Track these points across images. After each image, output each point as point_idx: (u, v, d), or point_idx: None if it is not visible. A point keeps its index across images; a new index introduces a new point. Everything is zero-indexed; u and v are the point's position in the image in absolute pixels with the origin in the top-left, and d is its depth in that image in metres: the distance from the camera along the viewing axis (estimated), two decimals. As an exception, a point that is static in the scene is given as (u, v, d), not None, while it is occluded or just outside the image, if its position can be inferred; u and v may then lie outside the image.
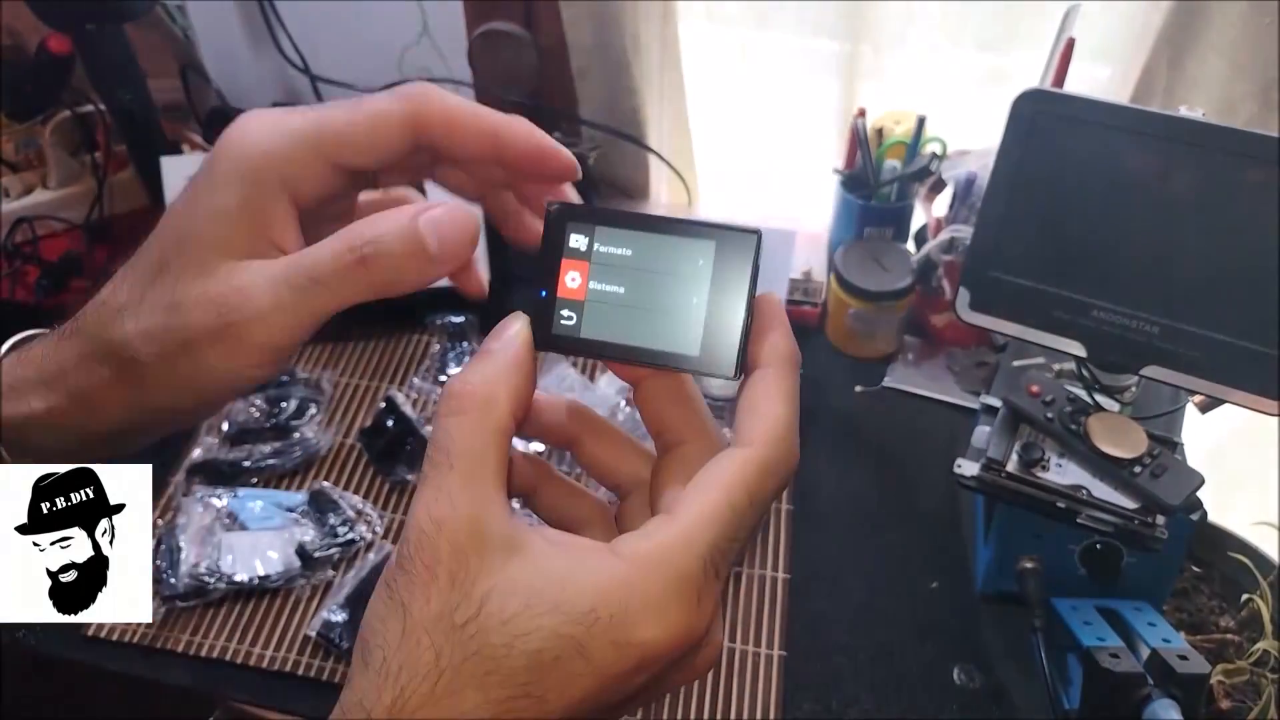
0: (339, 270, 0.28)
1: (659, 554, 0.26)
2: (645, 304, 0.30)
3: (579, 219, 0.30)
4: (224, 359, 0.29)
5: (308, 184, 0.30)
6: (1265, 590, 0.65)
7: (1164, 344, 0.59)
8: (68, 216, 1.04)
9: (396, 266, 0.29)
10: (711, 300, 0.30)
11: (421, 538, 0.26)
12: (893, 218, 0.91)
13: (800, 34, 0.91)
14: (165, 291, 0.29)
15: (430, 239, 0.29)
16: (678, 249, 0.30)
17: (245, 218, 0.29)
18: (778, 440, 0.30)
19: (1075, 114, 0.59)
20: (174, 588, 0.69)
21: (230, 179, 0.29)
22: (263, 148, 0.29)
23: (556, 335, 0.30)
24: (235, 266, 0.29)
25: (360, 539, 0.74)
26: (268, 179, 0.29)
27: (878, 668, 0.68)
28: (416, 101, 0.31)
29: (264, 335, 0.29)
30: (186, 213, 0.30)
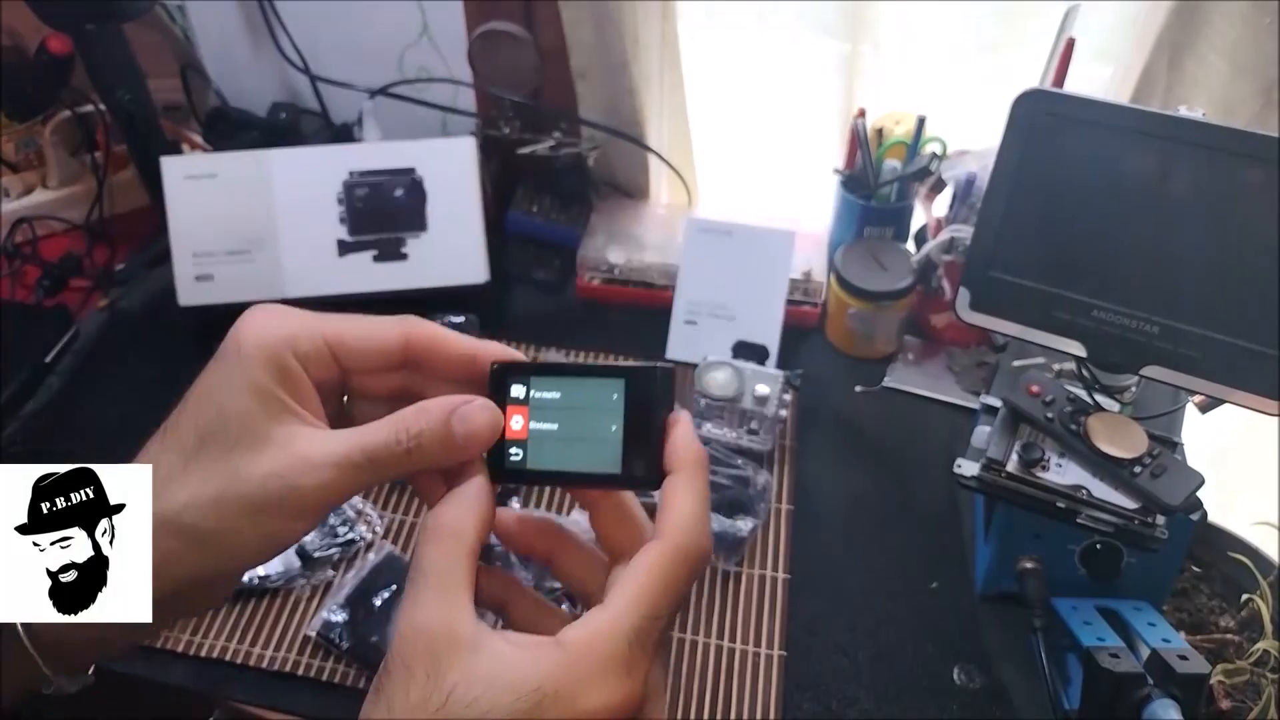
0: (392, 456, 0.34)
1: (590, 638, 0.32)
2: (576, 435, 0.36)
3: (516, 373, 0.37)
4: (287, 521, 0.33)
5: (315, 366, 0.35)
6: (1265, 590, 0.65)
7: (1164, 344, 0.60)
8: (68, 216, 1.04)
9: (433, 457, 0.35)
10: (627, 425, 0.36)
11: (402, 642, 0.31)
12: (893, 218, 0.91)
13: (801, 34, 0.91)
14: (217, 462, 0.33)
15: (459, 435, 0.35)
16: (595, 388, 0.36)
17: (283, 390, 0.34)
18: (687, 530, 0.34)
19: (1075, 114, 0.59)
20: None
21: (259, 358, 0.34)
22: (282, 332, 0.35)
23: (508, 469, 0.36)
24: (292, 434, 0.33)
25: (360, 539, 0.74)
26: (291, 356, 0.34)
27: (877, 668, 0.68)
28: (409, 320, 0.37)
29: (323, 499, 0.33)
30: (220, 390, 0.34)
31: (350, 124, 1.04)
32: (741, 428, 0.79)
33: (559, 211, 0.97)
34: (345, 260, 0.87)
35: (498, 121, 0.95)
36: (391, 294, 0.88)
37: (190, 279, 0.86)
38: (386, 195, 0.87)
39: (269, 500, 0.33)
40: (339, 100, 1.06)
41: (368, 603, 0.69)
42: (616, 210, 0.99)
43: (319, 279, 0.87)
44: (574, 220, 0.97)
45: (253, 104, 1.07)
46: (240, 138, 0.99)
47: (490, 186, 0.97)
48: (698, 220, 0.90)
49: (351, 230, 0.87)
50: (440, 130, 1.06)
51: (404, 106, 1.01)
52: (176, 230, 0.86)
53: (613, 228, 0.97)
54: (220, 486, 0.33)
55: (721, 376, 0.80)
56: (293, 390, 0.34)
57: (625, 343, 0.91)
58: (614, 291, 0.94)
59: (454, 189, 0.88)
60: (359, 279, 0.87)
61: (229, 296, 0.87)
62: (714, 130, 1.01)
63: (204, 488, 0.33)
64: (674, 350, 0.90)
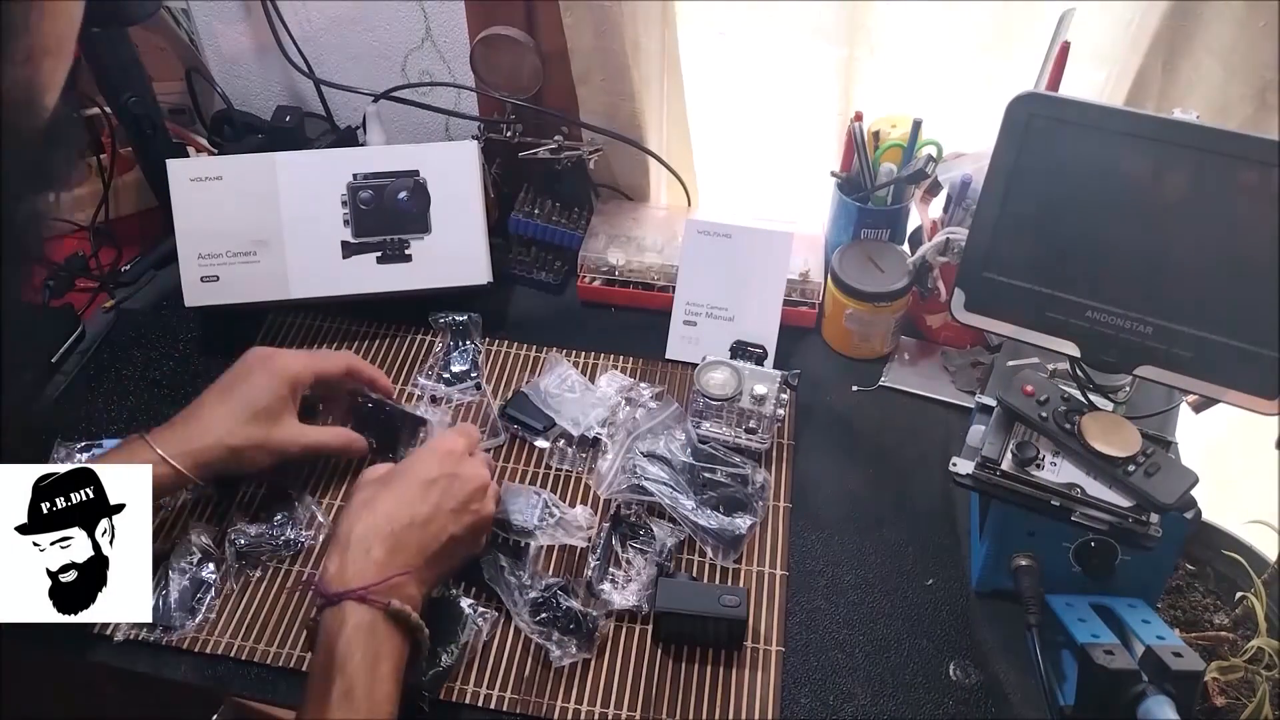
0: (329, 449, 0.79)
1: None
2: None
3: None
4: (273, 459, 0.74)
5: (304, 386, 0.76)
6: (1259, 588, 0.65)
7: (1157, 344, 0.60)
8: (74, 218, 1.05)
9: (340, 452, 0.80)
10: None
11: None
12: (889, 220, 0.91)
13: (798, 38, 0.92)
14: (258, 428, 0.72)
15: (355, 450, 0.80)
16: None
17: (290, 398, 0.75)
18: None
19: (1070, 117, 0.59)
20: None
21: (284, 380, 0.74)
22: (295, 367, 0.75)
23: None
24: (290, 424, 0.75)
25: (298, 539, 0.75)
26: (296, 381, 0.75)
27: (874, 664, 0.68)
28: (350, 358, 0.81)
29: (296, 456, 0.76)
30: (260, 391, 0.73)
31: (354, 127, 1.04)
32: (740, 427, 0.80)
33: (560, 213, 0.98)
34: (349, 262, 0.88)
35: (500, 125, 0.96)
36: (394, 295, 0.89)
37: (196, 280, 0.87)
38: (390, 198, 0.88)
39: (276, 451, 0.74)
40: (343, 104, 1.07)
41: (370, 600, 0.70)
42: (617, 212, 1.00)
43: (323, 280, 0.88)
44: (575, 222, 0.98)
45: (257, 107, 1.08)
46: (245, 141, 1.00)
47: (492, 189, 0.98)
48: (697, 222, 0.90)
49: (355, 232, 0.88)
50: (443, 134, 1.06)
51: (407, 110, 1.02)
52: (182, 232, 0.87)
53: (613, 229, 0.98)
54: (260, 441, 0.72)
55: (720, 376, 0.80)
56: (293, 397, 0.75)
57: (625, 343, 0.92)
58: (614, 292, 0.95)
59: (457, 191, 0.89)
60: (363, 280, 0.88)
61: (234, 297, 0.88)
62: (713, 133, 1.01)
63: (253, 439, 0.72)
64: (673, 350, 0.91)
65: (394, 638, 0.60)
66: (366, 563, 0.61)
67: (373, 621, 0.59)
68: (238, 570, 0.73)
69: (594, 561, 0.72)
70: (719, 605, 0.66)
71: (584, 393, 0.84)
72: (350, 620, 0.58)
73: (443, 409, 0.84)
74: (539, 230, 0.97)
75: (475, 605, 0.70)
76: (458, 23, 0.97)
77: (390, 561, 0.61)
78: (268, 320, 0.93)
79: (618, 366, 0.90)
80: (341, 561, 0.61)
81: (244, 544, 0.73)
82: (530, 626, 0.68)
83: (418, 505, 0.64)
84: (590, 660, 0.68)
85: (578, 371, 0.86)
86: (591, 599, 0.70)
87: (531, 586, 0.70)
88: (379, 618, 0.59)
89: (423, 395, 0.86)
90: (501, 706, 0.66)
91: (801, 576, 0.74)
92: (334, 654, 0.57)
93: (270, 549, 0.74)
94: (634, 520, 0.75)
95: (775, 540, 0.76)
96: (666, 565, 0.72)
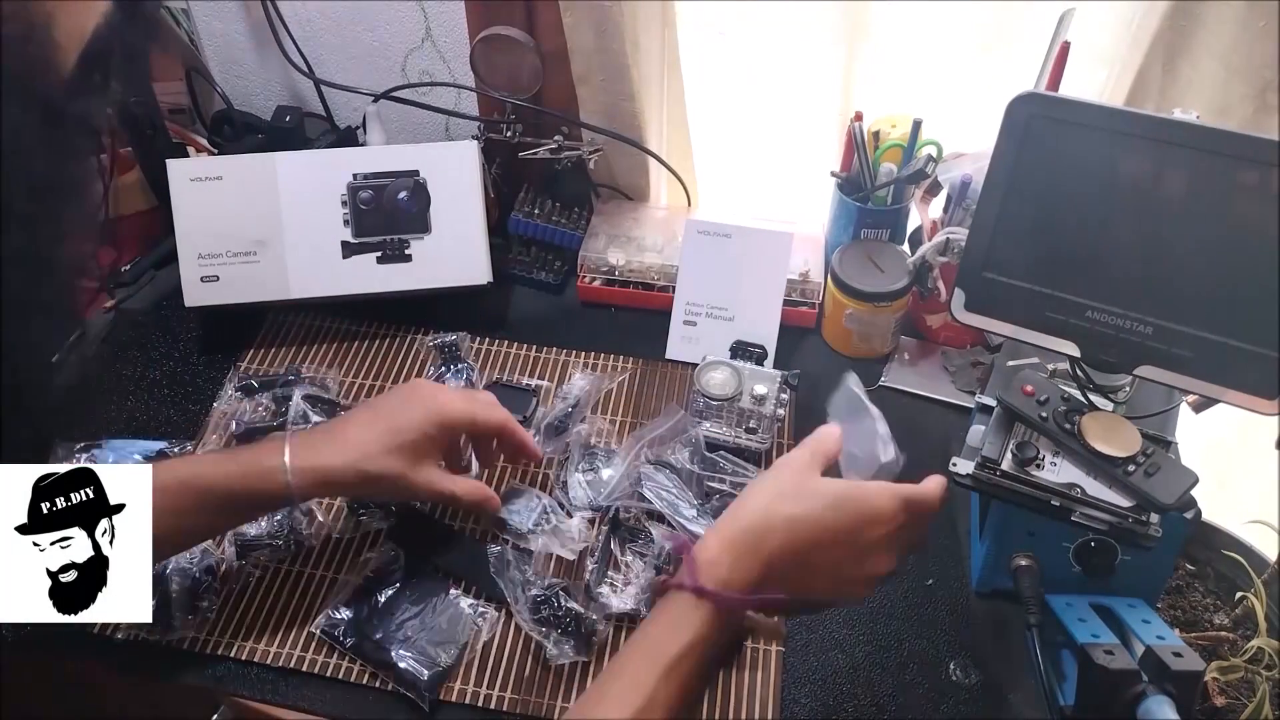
0: (461, 504, 0.72)
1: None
2: None
3: None
4: (402, 497, 0.74)
5: (455, 430, 0.70)
6: (1259, 588, 0.65)
7: (1157, 344, 0.60)
8: (74, 219, 1.04)
9: (474, 509, 0.75)
10: None
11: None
12: (889, 220, 0.91)
13: (798, 38, 0.92)
14: (400, 464, 0.66)
15: (489, 506, 0.72)
16: None
17: (441, 439, 0.69)
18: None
19: (1070, 117, 0.59)
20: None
21: (444, 423, 0.68)
22: (462, 412, 0.69)
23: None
24: (430, 467, 0.68)
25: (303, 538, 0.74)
26: (448, 426, 0.69)
27: (874, 664, 0.68)
28: (506, 417, 0.72)
29: (418, 498, 0.74)
30: (411, 424, 0.67)
31: (354, 127, 1.04)
32: (740, 427, 0.80)
33: (560, 213, 0.98)
34: (349, 262, 0.88)
35: (500, 125, 0.96)
36: (395, 295, 0.89)
37: (196, 280, 0.87)
38: (390, 198, 0.88)
39: (409, 492, 0.68)
40: (343, 104, 1.07)
41: (371, 600, 0.70)
42: (617, 212, 1.00)
43: (323, 280, 0.88)
44: (575, 222, 0.98)
45: (257, 107, 1.08)
46: (245, 141, 1.00)
47: (492, 189, 0.98)
48: (697, 222, 0.90)
49: (355, 232, 0.88)
50: (443, 134, 1.06)
51: (407, 110, 1.02)
52: (182, 232, 0.87)
53: (613, 229, 0.98)
54: (396, 476, 0.66)
55: (720, 376, 0.80)
56: (442, 439, 0.69)
57: (625, 343, 0.92)
58: (614, 292, 0.95)
59: (457, 191, 0.89)
60: (363, 280, 0.88)
61: (234, 297, 0.88)
62: (713, 133, 1.01)
63: (389, 471, 0.66)
64: (673, 350, 0.91)
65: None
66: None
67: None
68: (238, 570, 0.73)
69: (592, 565, 0.72)
70: None
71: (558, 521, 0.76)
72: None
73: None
74: (539, 230, 0.97)
75: (476, 605, 0.70)
76: (458, 23, 0.97)
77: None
78: (268, 320, 0.93)
79: (618, 366, 0.90)
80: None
81: (244, 544, 0.73)
82: (529, 624, 0.68)
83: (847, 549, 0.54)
84: (589, 661, 0.68)
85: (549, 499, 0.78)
86: (590, 602, 0.70)
87: (534, 584, 0.70)
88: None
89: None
90: (501, 706, 0.66)
91: (801, 576, 0.74)
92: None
93: (270, 549, 0.74)
94: (633, 524, 0.75)
95: (775, 540, 0.76)
96: (665, 569, 0.72)
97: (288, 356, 0.90)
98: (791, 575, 0.52)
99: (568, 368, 0.89)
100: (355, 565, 0.73)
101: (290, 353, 0.91)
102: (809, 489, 0.54)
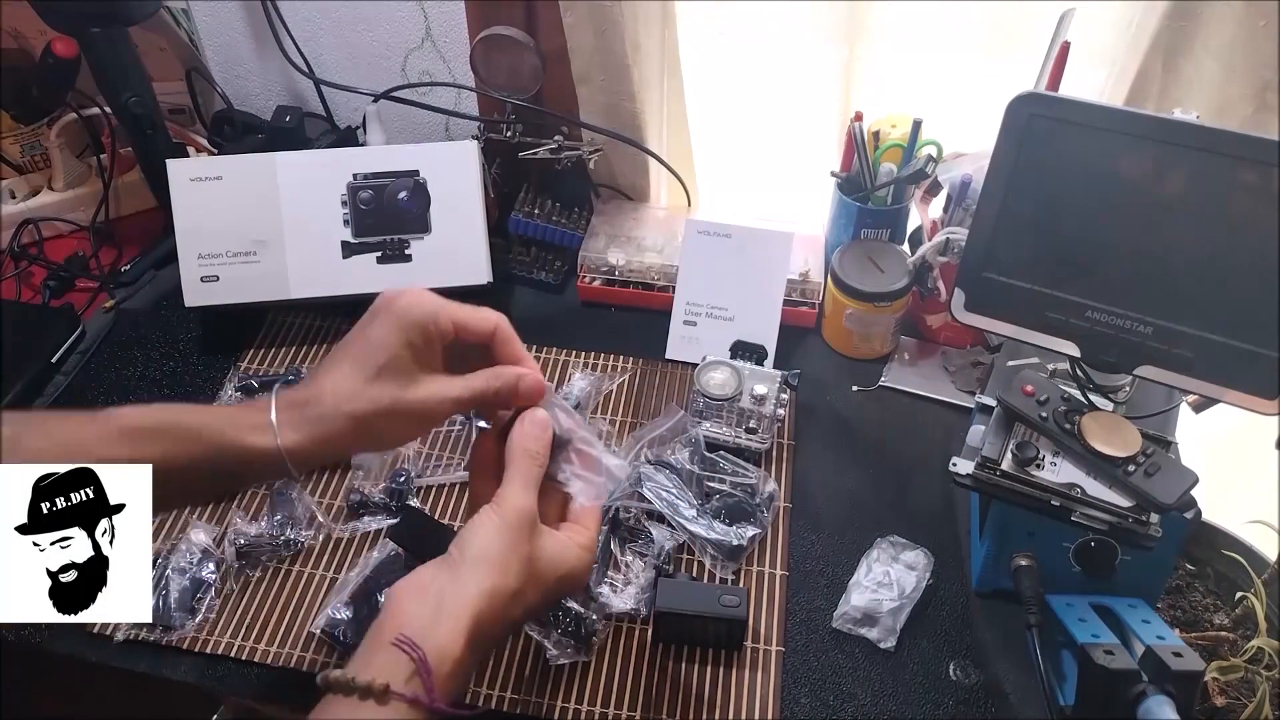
0: (482, 397, 0.55)
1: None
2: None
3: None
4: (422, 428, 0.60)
5: (441, 335, 0.55)
6: (1259, 588, 0.65)
7: (1158, 344, 0.60)
8: (74, 218, 1.05)
9: (503, 400, 0.56)
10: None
11: (508, 512, 0.52)
12: (889, 220, 0.91)
13: (798, 38, 0.92)
14: (387, 388, 0.53)
15: (520, 390, 0.55)
16: None
17: (425, 347, 0.54)
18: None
19: (1070, 117, 0.59)
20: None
21: (414, 325, 0.54)
22: (428, 309, 0.54)
23: None
24: (429, 378, 0.54)
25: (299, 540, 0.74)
26: (432, 327, 0.54)
27: (874, 664, 0.68)
28: (498, 317, 0.57)
29: (443, 417, 0.56)
30: (387, 341, 0.53)
31: (354, 127, 1.05)
32: (740, 427, 0.80)
33: (560, 214, 0.98)
34: (349, 262, 0.88)
35: (500, 125, 0.96)
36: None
37: (196, 280, 0.87)
38: (390, 198, 0.88)
39: (414, 416, 0.54)
40: (343, 104, 1.07)
41: (371, 600, 0.70)
42: (617, 212, 1.00)
43: (324, 280, 0.88)
44: (575, 222, 0.98)
45: (257, 107, 1.08)
46: (245, 141, 1.00)
47: (492, 189, 0.98)
48: (697, 222, 0.90)
49: (355, 232, 0.88)
50: (443, 134, 1.07)
51: (407, 110, 1.02)
52: (182, 232, 0.87)
53: (613, 230, 0.98)
54: (389, 404, 0.53)
55: (720, 376, 0.80)
56: (429, 348, 0.54)
57: (625, 343, 0.92)
58: (614, 292, 0.95)
59: (457, 191, 0.89)
60: (363, 280, 0.88)
61: (234, 297, 0.88)
62: (713, 133, 1.01)
63: (379, 402, 0.53)
64: (673, 350, 0.91)
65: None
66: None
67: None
68: (238, 570, 0.73)
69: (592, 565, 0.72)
70: (719, 605, 0.66)
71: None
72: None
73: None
74: (539, 230, 0.97)
75: (475, 605, 0.70)
76: (458, 23, 0.97)
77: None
78: (267, 320, 0.93)
79: (618, 367, 0.90)
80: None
81: (244, 544, 0.73)
82: (530, 624, 0.68)
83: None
84: (590, 661, 0.68)
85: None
86: (590, 602, 0.70)
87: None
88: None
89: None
90: (501, 706, 0.66)
91: (802, 576, 0.74)
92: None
93: (270, 549, 0.74)
94: (633, 524, 0.75)
95: (775, 541, 0.76)
96: (665, 568, 0.72)
97: (288, 356, 0.90)
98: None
99: (568, 368, 0.89)
100: (355, 565, 0.73)
101: (290, 353, 0.91)
102: (534, 576, 0.51)
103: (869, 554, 0.73)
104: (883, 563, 0.72)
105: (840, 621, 0.70)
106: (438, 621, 0.46)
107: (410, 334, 0.54)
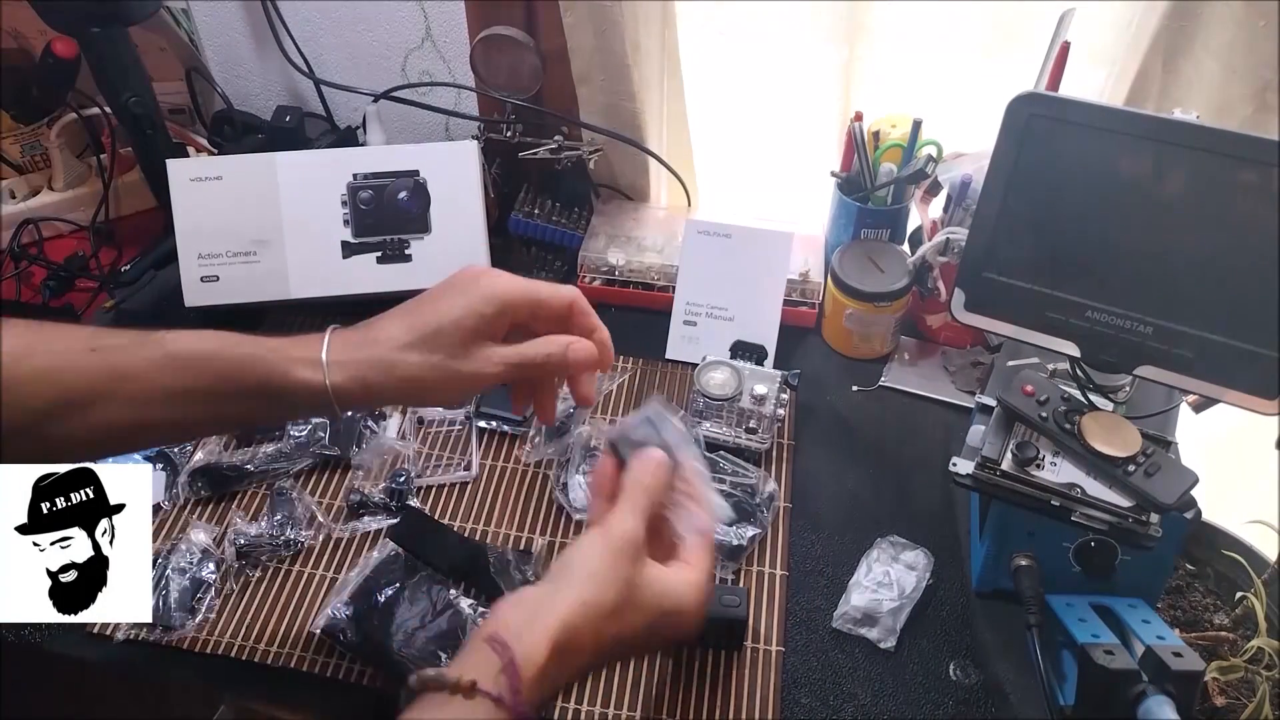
0: (534, 364, 0.56)
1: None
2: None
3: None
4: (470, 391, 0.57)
5: (515, 312, 0.56)
6: (1259, 588, 0.65)
7: (1158, 344, 0.60)
8: (74, 218, 1.05)
9: (554, 368, 0.57)
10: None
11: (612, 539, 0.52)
12: (889, 220, 0.91)
13: (798, 38, 0.92)
14: (441, 349, 0.54)
15: (570, 357, 0.56)
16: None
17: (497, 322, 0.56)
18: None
19: (1070, 117, 0.59)
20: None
21: (488, 301, 0.55)
22: (506, 287, 0.56)
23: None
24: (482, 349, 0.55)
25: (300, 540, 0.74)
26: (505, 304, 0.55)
27: (874, 664, 0.68)
28: (575, 292, 0.58)
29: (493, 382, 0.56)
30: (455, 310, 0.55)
31: (354, 127, 1.05)
32: (740, 427, 0.80)
33: (560, 213, 0.98)
34: (349, 262, 0.88)
35: (500, 125, 0.96)
36: (395, 295, 0.88)
37: (196, 280, 0.87)
38: (390, 198, 0.88)
39: (465, 378, 0.55)
40: (343, 104, 1.07)
41: (371, 600, 0.70)
42: (617, 212, 1.00)
43: (324, 280, 0.88)
44: (575, 222, 0.98)
45: (257, 107, 1.08)
46: (245, 141, 1.00)
47: (492, 189, 0.98)
48: (697, 222, 0.90)
49: (355, 232, 0.88)
50: (443, 134, 1.07)
51: (407, 110, 1.02)
52: (182, 232, 0.87)
53: (613, 229, 0.98)
54: (438, 363, 0.54)
55: (720, 376, 0.80)
56: (498, 321, 0.56)
57: (625, 343, 0.91)
58: (614, 292, 0.95)
59: (457, 191, 0.89)
60: (363, 280, 0.88)
61: (234, 297, 0.88)
62: (713, 133, 1.01)
63: (429, 360, 0.54)
64: (673, 350, 0.91)
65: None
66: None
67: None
68: (238, 570, 0.73)
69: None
70: (719, 605, 0.66)
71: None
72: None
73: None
74: (539, 230, 0.97)
75: (475, 606, 0.70)
76: (458, 23, 0.97)
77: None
78: (267, 320, 0.93)
79: (618, 367, 0.90)
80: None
81: (244, 544, 0.73)
82: None
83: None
84: (590, 660, 0.68)
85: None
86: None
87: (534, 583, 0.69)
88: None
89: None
90: (501, 706, 0.66)
91: (801, 576, 0.74)
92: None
93: (270, 549, 0.74)
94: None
95: (775, 540, 0.76)
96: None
97: (288, 356, 0.90)
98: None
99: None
100: (355, 565, 0.73)
101: (290, 353, 0.91)
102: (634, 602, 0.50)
103: (869, 554, 0.73)
104: (883, 563, 0.72)
105: (840, 621, 0.70)
106: (529, 626, 0.47)
107: (486, 307, 0.55)
